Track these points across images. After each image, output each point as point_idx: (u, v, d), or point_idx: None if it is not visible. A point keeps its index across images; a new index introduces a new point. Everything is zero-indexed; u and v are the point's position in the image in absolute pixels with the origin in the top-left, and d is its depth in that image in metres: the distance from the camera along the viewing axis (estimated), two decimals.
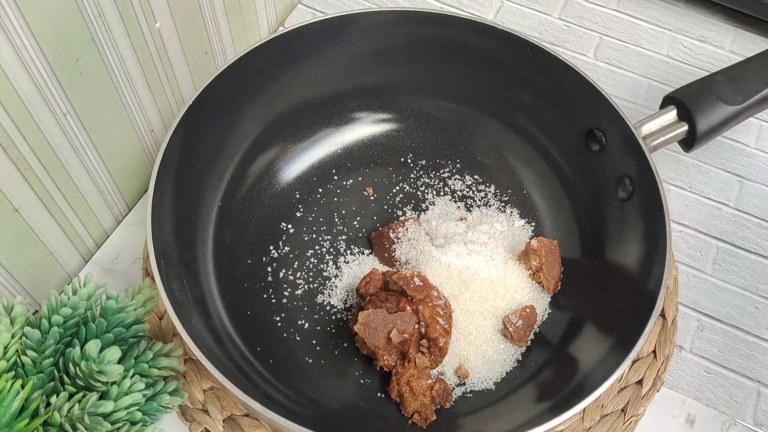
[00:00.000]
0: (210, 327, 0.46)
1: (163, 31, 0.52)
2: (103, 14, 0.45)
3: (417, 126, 0.59)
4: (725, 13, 0.72)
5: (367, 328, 0.46)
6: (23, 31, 0.40)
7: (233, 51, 0.62)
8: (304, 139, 0.57)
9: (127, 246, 0.55)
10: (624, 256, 0.48)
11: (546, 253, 0.50)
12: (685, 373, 0.51)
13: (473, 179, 0.57)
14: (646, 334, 0.40)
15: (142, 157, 0.56)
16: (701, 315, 0.54)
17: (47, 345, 0.41)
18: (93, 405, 0.38)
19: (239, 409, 0.48)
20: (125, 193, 0.56)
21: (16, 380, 0.39)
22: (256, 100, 0.53)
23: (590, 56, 0.68)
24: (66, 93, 0.45)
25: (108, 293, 0.43)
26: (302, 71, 0.54)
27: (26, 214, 0.47)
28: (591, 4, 0.72)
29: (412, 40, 0.55)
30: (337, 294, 0.52)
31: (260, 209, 0.54)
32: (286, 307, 0.51)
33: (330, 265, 0.53)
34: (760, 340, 0.53)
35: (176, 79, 0.56)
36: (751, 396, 0.51)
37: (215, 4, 0.56)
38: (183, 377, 0.48)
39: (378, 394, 0.47)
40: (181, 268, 0.45)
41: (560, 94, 0.53)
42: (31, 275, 0.50)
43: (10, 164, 0.43)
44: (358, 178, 0.57)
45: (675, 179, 0.60)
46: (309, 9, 0.71)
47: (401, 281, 0.47)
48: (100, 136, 0.50)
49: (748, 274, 0.56)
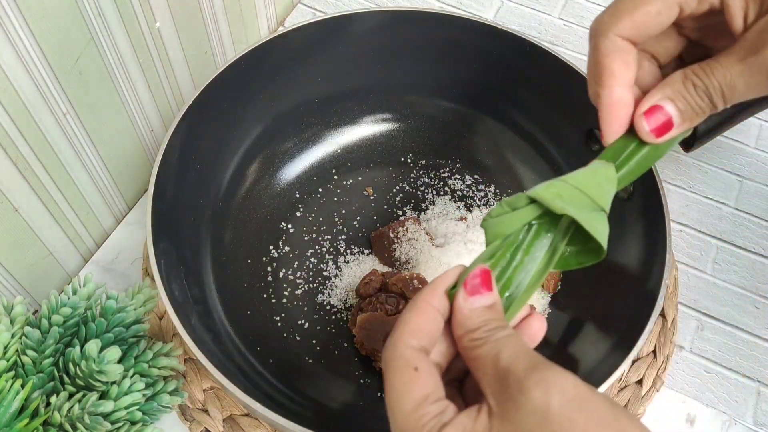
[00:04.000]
0: (210, 327, 0.46)
1: (163, 31, 0.52)
2: (103, 14, 0.45)
3: (417, 126, 0.59)
4: None
5: (365, 331, 0.46)
6: (23, 31, 0.40)
7: (233, 51, 0.62)
8: (304, 139, 0.57)
9: (127, 246, 0.55)
10: (624, 256, 0.48)
11: None
12: (685, 372, 0.51)
13: (473, 179, 0.57)
14: (646, 334, 0.40)
15: (142, 157, 0.56)
16: (701, 315, 0.54)
17: (47, 345, 0.41)
18: (93, 405, 0.38)
19: (239, 408, 0.48)
20: (125, 193, 0.56)
21: (16, 380, 0.39)
22: (256, 100, 0.53)
23: None
24: (66, 93, 0.45)
25: (108, 293, 0.43)
26: (302, 71, 0.54)
27: (26, 214, 0.47)
28: (591, 4, 0.72)
29: (412, 40, 0.55)
30: (337, 294, 0.52)
31: (260, 209, 0.54)
32: (286, 307, 0.51)
33: (330, 264, 0.53)
34: (760, 340, 0.53)
35: (176, 79, 0.56)
36: (751, 396, 0.51)
37: (215, 4, 0.56)
38: (183, 377, 0.48)
39: (378, 394, 0.47)
40: (181, 268, 0.45)
41: (560, 94, 0.53)
42: (31, 275, 0.50)
43: (10, 164, 0.43)
44: (358, 178, 0.57)
45: (675, 179, 0.60)
46: (309, 9, 0.71)
47: (400, 283, 0.47)
48: (100, 136, 0.50)
49: (748, 273, 0.56)
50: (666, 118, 0.32)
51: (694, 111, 0.32)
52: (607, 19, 0.32)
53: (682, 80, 0.32)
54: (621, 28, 0.32)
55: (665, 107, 0.32)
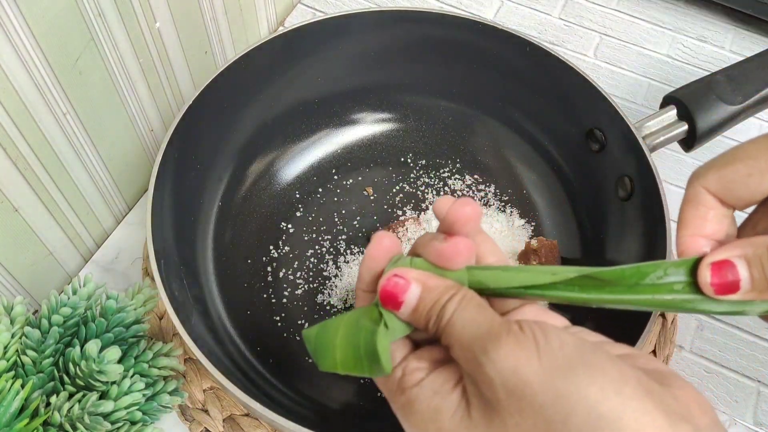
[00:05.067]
0: (210, 327, 0.46)
1: (163, 31, 0.52)
2: (103, 14, 0.45)
3: (417, 126, 0.59)
4: (725, 13, 0.72)
5: None
6: (23, 31, 0.40)
7: (233, 51, 0.62)
8: (304, 139, 0.57)
9: (127, 246, 0.55)
10: (624, 256, 0.48)
11: (546, 253, 0.50)
12: (685, 372, 0.51)
13: (473, 179, 0.57)
14: (645, 334, 0.40)
15: (142, 157, 0.56)
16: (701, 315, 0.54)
17: (47, 345, 0.41)
18: (93, 405, 0.38)
19: (239, 408, 0.48)
20: (125, 193, 0.56)
21: (16, 380, 0.39)
22: (256, 100, 0.53)
23: (590, 56, 0.68)
24: (66, 93, 0.45)
25: (108, 293, 0.43)
26: (302, 71, 0.54)
27: (26, 214, 0.47)
28: (591, 4, 0.72)
29: (412, 40, 0.55)
30: (337, 294, 0.52)
31: (260, 209, 0.54)
32: (286, 307, 0.51)
33: (330, 264, 0.53)
34: (760, 340, 0.53)
35: (176, 79, 0.56)
36: (751, 396, 0.51)
37: (215, 4, 0.56)
38: (183, 377, 0.48)
39: (378, 394, 0.47)
40: (181, 268, 0.45)
41: (560, 94, 0.53)
42: (31, 275, 0.50)
43: (10, 164, 0.43)
44: (358, 178, 0.57)
45: (675, 179, 0.60)
46: (309, 9, 0.71)
47: None
48: (100, 136, 0.50)
49: None
50: (734, 278, 0.28)
51: (766, 284, 0.27)
52: (702, 168, 0.30)
53: (767, 246, 0.28)
54: (708, 180, 0.30)
55: (738, 267, 0.28)
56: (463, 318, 0.27)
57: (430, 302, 0.28)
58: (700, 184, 0.30)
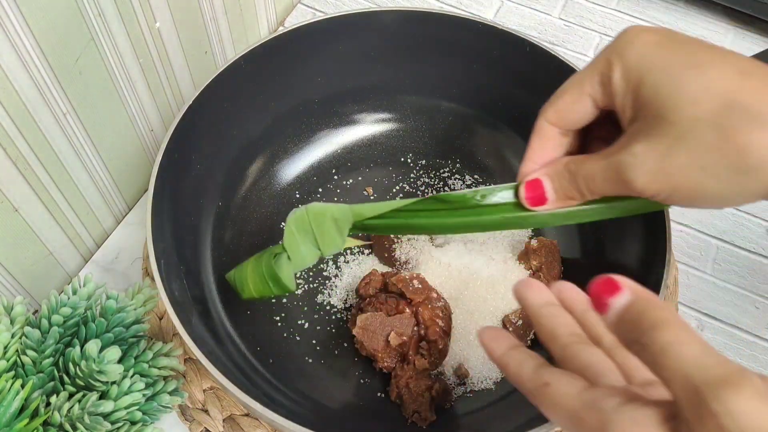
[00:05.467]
0: (210, 327, 0.46)
1: (163, 31, 0.52)
2: (103, 14, 0.45)
3: (417, 126, 0.59)
4: (725, 13, 0.72)
5: (365, 331, 0.46)
6: (23, 31, 0.40)
7: (233, 51, 0.62)
8: (304, 139, 0.57)
9: (127, 246, 0.55)
10: (624, 256, 0.48)
11: (546, 253, 0.50)
12: None
13: (473, 179, 0.57)
14: None
15: (142, 157, 0.56)
16: (701, 315, 0.54)
17: (47, 345, 0.41)
18: (93, 405, 0.38)
19: (239, 408, 0.48)
20: (125, 193, 0.56)
21: (16, 380, 0.39)
22: (256, 100, 0.53)
23: (590, 56, 0.68)
24: (66, 93, 0.45)
25: (108, 293, 0.43)
26: (302, 71, 0.54)
27: (26, 214, 0.47)
28: (591, 4, 0.72)
29: (412, 40, 0.55)
30: (337, 294, 0.52)
31: (260, 209, 0.54)
32: (286, 307, 0.51)
33: (330, 264, 0.53)
34: (760, 340, 0.53)
35: (176, 79, 0.56)
36: None
37: (215, 4, 0.56)
38: (183, 377, 0.48)
39: (378, 394, 0.47)
40: (181, 268, 0.45)
41: None
42: (31, 275, 0.50)
43: (10, 163, 0.43)
44: (358, 178, 0.57)
45: None
46: (309, 9, 0.71)
47: (400, 284, 0.47)
48: (100, 136, 0.50)
49: (748, 273, 0.56)
50: (541, 191, 0.36)
51: (565, 194, 0.35)
52: (546, 104, 0.36)
53: (564, 164, 0.35)
54: (548, 113, 0.36)
55: (543, 182, 0.36)
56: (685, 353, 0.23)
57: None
58: (543, 118, 0.36)
